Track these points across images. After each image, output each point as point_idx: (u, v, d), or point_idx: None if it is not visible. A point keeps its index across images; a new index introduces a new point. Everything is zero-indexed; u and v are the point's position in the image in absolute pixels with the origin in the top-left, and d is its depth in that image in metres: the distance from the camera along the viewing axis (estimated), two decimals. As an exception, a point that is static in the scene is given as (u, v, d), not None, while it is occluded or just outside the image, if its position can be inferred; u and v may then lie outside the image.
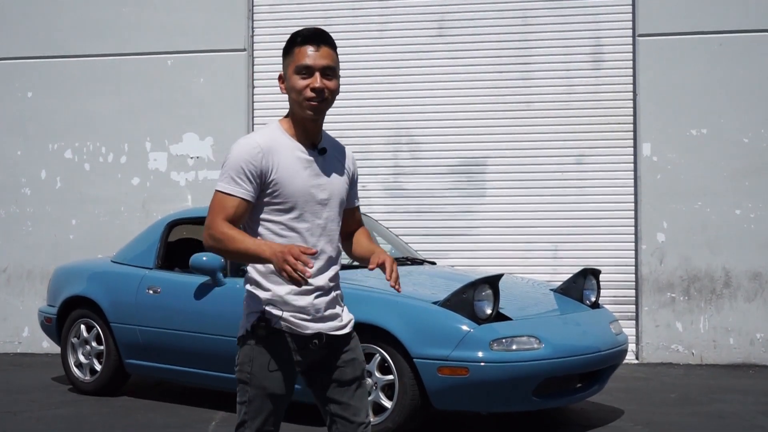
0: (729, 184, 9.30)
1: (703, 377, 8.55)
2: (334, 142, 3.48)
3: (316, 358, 3.31)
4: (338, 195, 3.35)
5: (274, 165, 3.22)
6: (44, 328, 8.33)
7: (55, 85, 10.60)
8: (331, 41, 3.35)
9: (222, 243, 3.16)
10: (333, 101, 3.35)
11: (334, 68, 3.31)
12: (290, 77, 3.34)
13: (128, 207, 10.36)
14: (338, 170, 3.39)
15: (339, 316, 3.34)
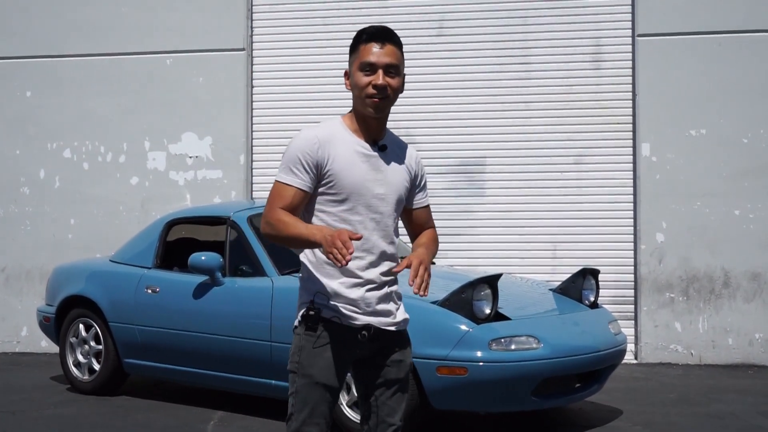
0: (728, 184, 9.30)
1: (702, 377, 8.55)
2: (398, 141, 3.48)
3: (366, 352, 3.34)
4: (396, 192, 3.36)
5: (331, 156, 3.28)
6: (43, 327, 8.33)
7: (54, 85, 10.60)
8: (397, 39, 3.34)
9: (276, 228, 3.24)
10: (395, 99, 3.35)
11: (398, 66, 3.31)
12: (354, 74, 3.36)
13: (127, 206, 10.36)
14: (398, 168, 3.39)
15: (392, 313, 3.35)
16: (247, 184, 10.20)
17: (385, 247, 3.33)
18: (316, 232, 3.12)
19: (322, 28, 10.20)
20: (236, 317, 6.73)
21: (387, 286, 3.34)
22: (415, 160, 3.47)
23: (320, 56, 10.16)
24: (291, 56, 10.25)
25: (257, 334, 6.55)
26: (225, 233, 7.17)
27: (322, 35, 10.18)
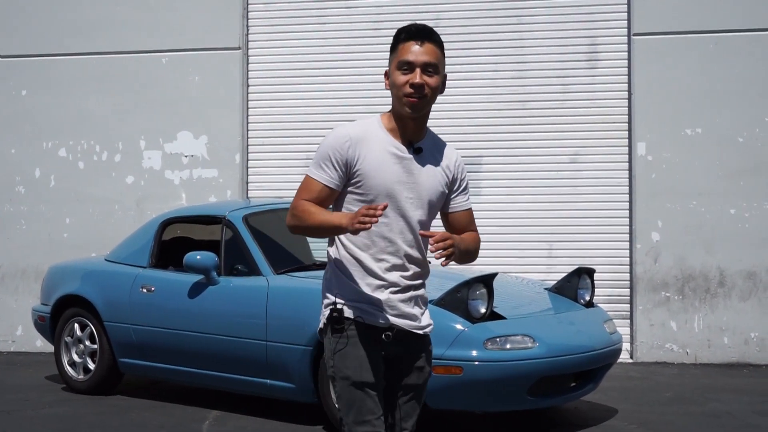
0: (724, 183, 9.30)
1: (698, 376, 8.55)
2: (438, 142, 3.42)
3: (391, 354, 3.33)
4: (427, 196, 3.31)
5: (361, 156, 3.25)
6: (38, 326, 8.31)
7: (49, 84, 10.58)
8: (436, 38, 3.30)
9: (301, 219, 3.26)
10: (434, 99, 3.29)
11: (436, 65, 3.26)
12: (393, 73, 3.30)
13: (122, 205, 10.34)
14: (433, 172, 3.33)
15: (417, 317, 3.33)
16: (242, 184, 10.19)
17: (410, 251, 3.29)
18: (341, 218, 3.14)
19: (317, 27, 10.19)
20: (232, 316, 6.72)
21: (412, 290, 3.33)
22: (455, 163, 3.40)
23: (316, 55, 10.15)
24: (287, 55, 10.24)
25: (253, 334, 6.54)
26: (220, 232, 7.16)
27: (318, 34, 10.17)
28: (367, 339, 3.28)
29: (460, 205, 3.42)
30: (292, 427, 6.50)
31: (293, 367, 6.32)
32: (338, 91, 10.11)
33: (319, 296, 6.51)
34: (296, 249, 7.54)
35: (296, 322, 6.33)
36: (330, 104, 10.12)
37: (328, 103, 10.12)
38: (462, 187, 3.42)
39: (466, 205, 3.44)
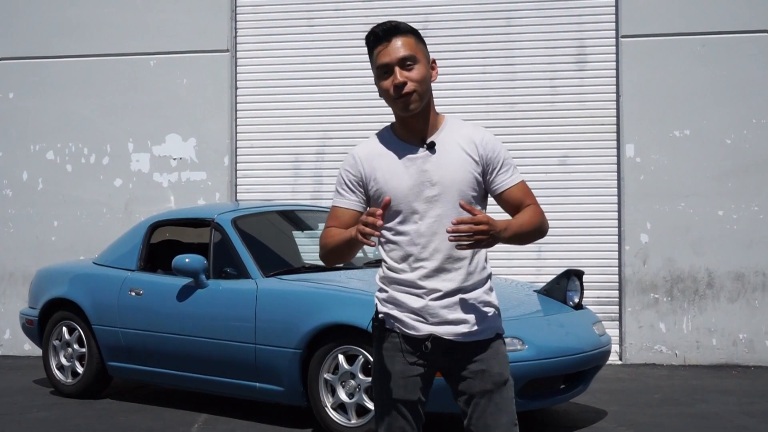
0: (712, 185, 9.33)
1: (687, 378, 8.57)
2: (456, 129, 3.22)
3: (445, 364, 3.20)
4: (455, 187, 3.12)
5: (374, 170, 3.19)
6: (26, 330, 8.29)
7: (37, 86, 10.55)
8: (403, 28, 3.20)
9: (325, 245, 3.21)
10: (425, 89, 3.15)
11: (413, 56, 3.14)
12: (377, 81, 3.21)
13: (111, 208, 10.31)
14: (455, 160, 3.15)
15: (466, 322, 3.14)
16: (231, 186, 10.17)
17: (449, 252, 3.12)
18: (353, 228, 3.01)
19: (306, 29, 10.18)
20: (220, 320, 6.71)
21: (461, 293, 3.15)
22: (480, 143, 3.17)
23: (305, 57, 10.15)
24: (275, 57, 10.23)
25: (242, 337, 6.53)
26: (209, 235, 7.15)
27: (307, 36, 10.17)
28: (407, 351, 3.18)
29: (504, 183, 3.20)
30: (282, 430, 6.49)
31: (282, 370, 6.31)
32: (327, 93, 10.10)
33: (307, 299, 6.53)
34: (285, 252, 7.54)
35: (285, 325, 6.32)
36: (318, 107, 10.12)
37: (317, 106, 10.11)
38: (499, 165, 3.19)
39: (512, 181, 3.21)
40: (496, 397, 3.17)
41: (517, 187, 3.22)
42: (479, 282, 3.19)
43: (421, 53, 3.17)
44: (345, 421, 6.06)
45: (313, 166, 10.13)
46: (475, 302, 3.17)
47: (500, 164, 3.20)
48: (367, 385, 5.98)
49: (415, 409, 3.21)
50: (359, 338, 5.99)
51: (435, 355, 3.17)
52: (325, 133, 10.12)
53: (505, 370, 3.20)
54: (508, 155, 3.24)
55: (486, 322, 3.18)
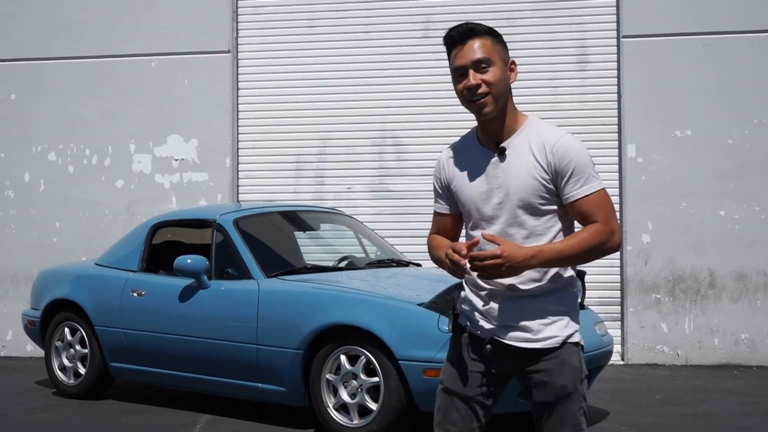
0: (713, 185, 9.33)
1: (688, 378, 8.57)
2: (533, 134, 3.12)
3: (510, 369, 3.16)
4: (518, 194, 3.05)
5: (453, 176, 3.22)
6: (28, 331, 8.29)
7: (38, 88, 10.56)
8: (480, 30, 3.17)
9: (431, 254, 3.31)
10: (501, 93, 3.11)
11: (488, 58, 3.11)
12: (454, 84, 3.19)
13: (112, 209, 10.32)
14: (521, 167, 3.06)
15: (530, 329, 3.08)
16: (233, 187, 10.18)
17: None
18: (442, 256, 3.11)
19: (307, 30, 10.19)
20: (222, 320, 6.71)
21: (520, 299, 3.09)
22: (551, 149, 3.03)
23: (306, 58, 10.16)
24: (276, 58, 10.24)
25: (243, 337, 6.53)
26: (211, 236, 7.15)
27: (308, 37, 10.17)
28: (472, 349, 3.19)
29: (571, 194, 3.04)
30: (284, 430, 6.49)
31: (284, 371, 6.31)
32: (328, 94, 10.11)
33: (309, 299, 6.53)
34: (287, 252, 7.54)
35: (287, 326, 6.33)
36: (320, 107, 10.12)
37: (318, 106, 10.12)
38: (568, 174, 3.02)
39: (580, 192, 3.03)
40: (558, 409, 3.12)
41: (586, 200, 3.04)
42: (547, 289, 3.10)
43: (497, 55, 3.15)
44: (347, 421, 6.06)
45: (314, 166, 10.13)
46: (540, 309, 3.10)
47: (570, 173, 3.03)
48: (369, 385, 5.98)
49: (470, 406, 3.18)
50: (361, 339, 6.00)
51: (498, 357, 3.15)
52: (327, 134, 10.13)
53: (569, 382, 3.10)
54: (583, 163, 3.04)
55: (550, 329, 3.10)
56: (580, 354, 3.15)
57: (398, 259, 7.68)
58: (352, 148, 10.07)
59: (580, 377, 3.14)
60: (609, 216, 3.04)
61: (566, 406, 3.12)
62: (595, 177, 3.05)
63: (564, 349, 3.11)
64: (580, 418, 3.15)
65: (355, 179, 10.04)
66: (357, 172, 10.04)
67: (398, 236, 9.66)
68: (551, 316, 3.10)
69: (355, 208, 9.80)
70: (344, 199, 10.00)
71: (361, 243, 7.88)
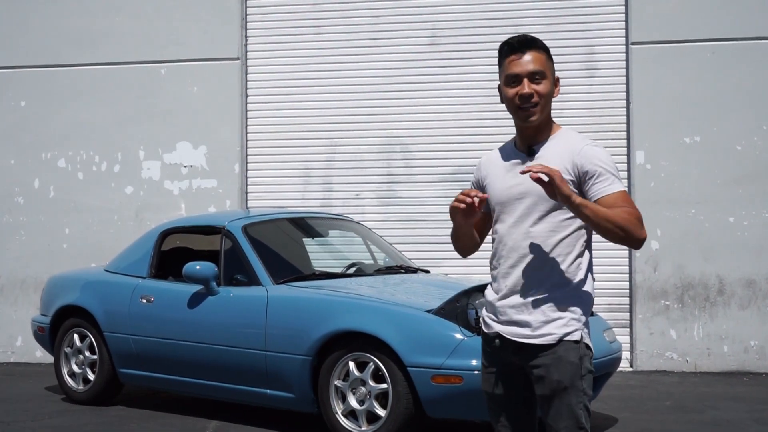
0: (722, 191, 9.31)
1: (698, 385, 8.55)
2: (562, 140, 3.33)
3: (518, 362, 3.32)
4: (538, 194, 3.21)
5: (486, 174, 3.44)
6: (37, 337, 8.31)
7: (48, 95, 10.60)
8: (539, 44, 3.36)
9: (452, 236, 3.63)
10: (547, 104, 3.33)
11: (543, 71, 3.31)
12: (503, 88, 3.37)
13: (121, 216, 10.35)
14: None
15: (529, 325, 3.25)
16: (241, 194, 10.20)
17: (523, 251, 3.28)
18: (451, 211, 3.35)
19: (315, 38, 10.21)
20: (231, 327, 6.72)
21: (531, 295, 3.26)
22: (579, 152, 3.24)
23: (314, 65, 10.18)
24: (285, 65, 10.27)
25: (252, 344, 6.54)
26: (220, 243, 7.16)
27: (316, 44, 10.20)
28: (491, 348, 3.38)
29: (599, 191, 3.23)
30: (292, 437, 6.50)
31: (293, 377, 6.32)
32: (336, 101, 10.13)
33: (318, 306, 6.55)
34: (296, 259, 7.56)
35: (296, 332, 6.34)
36: (328, 114, 10.14)
37: (327, 113, 10.14)
38: (596, 174, 3.21)
39: (607, 190, 3.22)
40: (555, 402, 3.25)
41: (613, 196, 3.22)
42: (553, 286, 3.26)
43: (549, 71, 3.34)
44: (355, 427, 6.07)
45: (323, 173, 10.15)
46: (543, 306, 3.26)
47: (597, 174, 3.22)
48: (377, 391, 5.98)
49: (501, 403, 3.39)
50: (370, 345, 6.00)
51: (507, 352, 3.32)
52: (335, 140, 10.15)
53: (564, 377, 3.22)
54: (609, 167, 3.24)
55: (549, 326, 3.25)
56: (580, 351, 3.27)
57: (407, 266, 7.68)
58: (360, 155, 10.08)
59: (579, 373, 3.25)
60: (634, 209, 3.22)
61: (563, 400, 3.23)
62: (620, 181, 3.27)
63: (561, 345, 3.24)
64: (579, 413, 3.25)
65: (363, 186, 10.05)
66: (365, 178, 10.06)
67: (406, 242, 9.67)
68: (552, 313, 3.25)
69: (363, 215, 9.81)
70: (352, 205, 10.01)
71: (369, 249, 7.88)
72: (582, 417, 3.25)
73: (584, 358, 3.27)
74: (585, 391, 3.27)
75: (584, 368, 3.26)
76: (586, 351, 3.28)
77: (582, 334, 3.27)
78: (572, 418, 3.24)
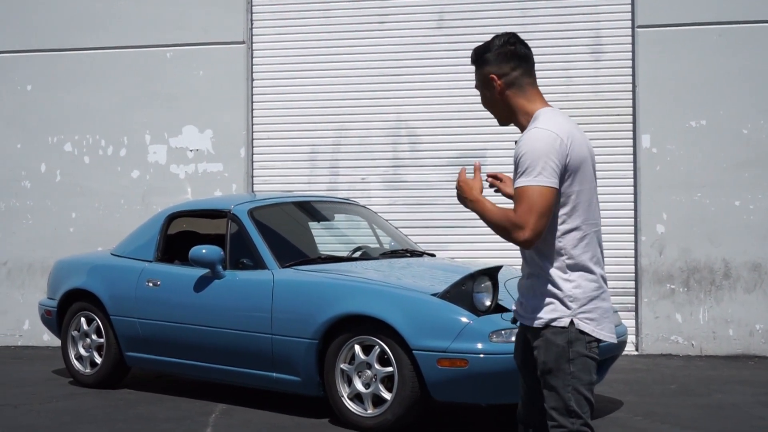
0: (728, 175, 9.30)
1: (703, 368, 8.57)
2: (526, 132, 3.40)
3: (527, 342, 3.46)
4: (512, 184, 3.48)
5: None
6: (44, 321, 8.34)
7: (54, 78, 10.60)
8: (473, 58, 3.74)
9: None
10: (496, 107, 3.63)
11: (479, 86, 3.67)
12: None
13: (128, 200, 10.37)
14: None
15: (528, 308, 3.41)
16: (247, 177, 10.21)
17: None
18: None
19: (322, 21, 10.20)
20: (237, 310, 6.74)
21: (527, 278, 3.44)
22: (519, 144, 3.37)
23: (320, 49, 10.17)
24: (291, 49, 10.26)
25: (258, 327, 6.56)
26: (226, 226, 7.18)
27: (322, 28, 10.18)
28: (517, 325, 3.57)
29: (514, 182, 3.38)
30: (299, 420, 6.52)
31: (299, 361, 6.34)
32: (343, 84, 10.12)
33: (324, 289, 6.56)
34: (302, 243, 7.57)
35: (302, 316, 6.35)
36: (334, 98, 10.14)
37: (333, 97, 10.13)
38: (517, 166, 3.34)
39: (516, 183, 3.33)
40: (545, 383, 3.36)
41: (516, 191, 3.31)
42: (539, 269, 3.37)
43: (480, 82, 3.66)
44: (361, 411, 6.09)
45: (329, 157, 10.15)
46: (531, 289, 3.40)
47: (517, 165, 3.34)
48: (383, 375, 6.00)
49: (521, 374, 3.56)
50: (375, 329, 6.02)
51: (523, 332, 3.51)
52: (342, 124, 10.14)
53: (550, 359, 3.31)
54: (529, 159, 3.28)
55: (537, 311, 3.36)
56: (569, 336, 3.31)
57: (412, 250, 7.69)
58: (367, 139, 10.08)
59: (566, 357, 3.31)
60: (525, 211, 3.24)
61: (548, 382, 3.33)
62: (531, 172, 3.25)
63: (549, 329, 3.33)
64: (567, 395, 3.30)
65: (369, 170, 10.06)
66: (371, 162, 10.06)
67: (412, 226, 9.68)
68: (540, 297, 3.36)
69: (369, 199, 9.81)
70: (358, 189, 10.02)
71: (375, 233, 7.89)
72: (570, 400, 3.29)
73: (576, 343, 3.30)
74: (574, 374, 3.30)
75: (574, 352, 3.30)
76: (580, 336, 3.31)
77: (572, 321, 3.31)
78: (560, 400, 3.31)
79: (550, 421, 3.33)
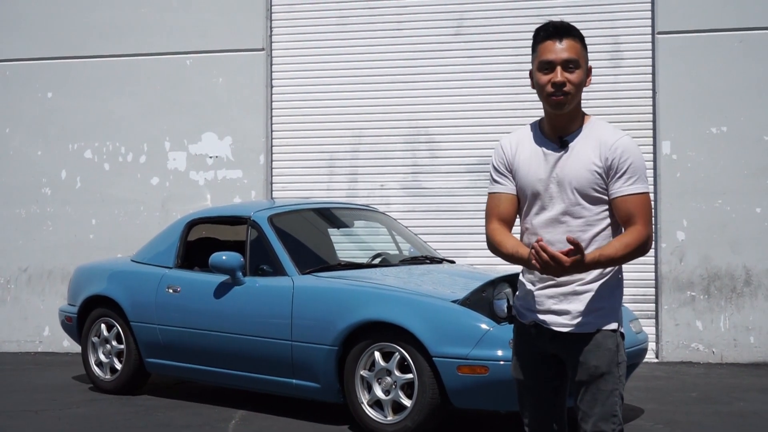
0: (749, 182, 9.26)
1: (724, 376, 8.52)
2: (593, 131, 3.33)
3: (553, 350, 3.36)
4: (571, 186, 3.25)
5: (516, 159, 3.38)
6: (65, 327, 8.37)
7: (74, 86, 10.66)
8: (575, 33, 3.34)
9: (498, 247, 3.47)
10: (578, 94, 3.33)
11: (577, 60, 3.31)
12: (535, 74, 3.36)
13: (148, 206, 10.40)
14: (579, 161, 3.26)
15: (568, 313, 3.29)
16: (267, 184, 10.23)
17: (561, 246, 3.21)
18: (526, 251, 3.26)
19: (340, 28, 10.22)
20: (257, 317, 6.75)
21: (564, 285, 3.29)
22: (610, 147, 3.23)
23: (339, 56, 10.19)
24: (310, 56, 10.28)
25: (278, 334, 6.56)
26: (245, 233, 7.19)
27: (341, 35, 10.20)
28: (525, 337, 3.42)
29: (616, 191, 3.24)
30: (318, 426, 6.52)
31: (319, 367, 6.34)
32: (361, 91, 10.14)
33: (343, 296, 6.55)
34: (321, 249, 7.57)
35: (321, 322, 6.35)
36: (353, 104, 10.15)
37: (352, 104, 10.15)
38: (621, 171, 3.22)
39: (624, 191, 3.22)
40: (591, 388, 3.28)
41: (631, 198, 3.23)
42: (591, 278, 3.30)
43: (582, 60, 3.34)
44: (381, 417, 6.08)
45: (348, 163, 10.16)
46: (582, 296, 3.29)
47: (623, 171, 3.23)
48: (403, 382, 5.99)
49: (532, 391, 3.45)
50: (395, 335, 6.01)
51: (542, 340, 3.35)
52: (360, 131, 10.15)
53: (602, 363, 3.26)
54: (637, 165, 3.24)
55: (589, 316, 3.28)
56: (617, 339, 3.32)
57: (432, 256, 7.69)
58: (385, 145, 10.08)
59: (615, 360, 3.30)
60: (648, 220, 3.24)
61: (599, 386, 3.28)
62: (645, 181, 3.25)
63: (599, 333, 3.29)
64: (615, 400, 3.30)
65: (388, 176, 10.06)
66: (390, 169, 10.06)
67: (431, 233, 9.68)
68: (592, 304, 3.29)
69: (388, 205, 9.82)
70: (377, 196, 10.02)
71: (394, 240, 7.89)
72: (617, 405, 3.31)
73: (620, 346, 3.33)
74: (621, 378, 3.32)
75: (620, 356, 3.32)
76: (621, 340, 3.34)
77: (618, 326, 3.33)
78: (607, 404, 3.29)
79: (593, 427, 3.30)
